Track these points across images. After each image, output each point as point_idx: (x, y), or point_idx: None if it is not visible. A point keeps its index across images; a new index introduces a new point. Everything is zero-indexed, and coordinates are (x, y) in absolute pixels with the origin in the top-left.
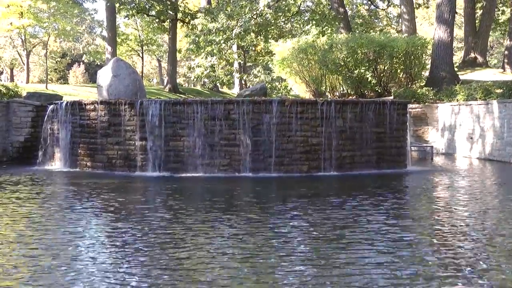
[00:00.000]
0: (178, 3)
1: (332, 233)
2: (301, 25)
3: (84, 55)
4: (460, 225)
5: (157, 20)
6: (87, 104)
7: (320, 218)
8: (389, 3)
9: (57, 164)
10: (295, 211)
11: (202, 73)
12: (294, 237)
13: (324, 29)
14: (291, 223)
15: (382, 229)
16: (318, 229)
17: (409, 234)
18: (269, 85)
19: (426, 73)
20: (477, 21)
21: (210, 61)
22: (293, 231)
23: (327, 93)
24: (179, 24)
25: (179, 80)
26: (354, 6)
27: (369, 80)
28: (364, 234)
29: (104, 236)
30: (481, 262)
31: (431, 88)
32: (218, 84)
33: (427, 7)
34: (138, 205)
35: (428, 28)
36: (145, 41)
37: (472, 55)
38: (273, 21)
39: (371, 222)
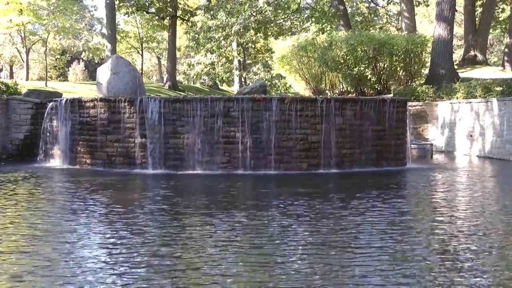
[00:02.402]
0: (178, 0)
1: (334, 234)
2: (301, 23)
3: (84, 52)
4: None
5: (156, 17)
6: (87, 101)
7: (320, 219)
8: (389, 1)
9: (56, 161)
10: (295, 211)
11: (202, 70)
12: (294, 239)
13: (323, 27)
14: (290, 222)
15: (384, 234)
16: (320, 231)
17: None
18: (269, 82)
19: (425, 71)
20: (477, 19)
21: (210, 58)
22: (293, 232)
23: (326, 91)
24: (178, 21)
25: (179, 77)
26: (354, 4)
27: (368, 77)
28: (365, 237)
29: (96, 234)
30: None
31: (431, 85)
32: (217, 82)
33: (427, 5)
34: (136, 204)
35: (428, 26)
36: (144, 39)
37: (472, 53)
38: (272, 19)
39: (371, 223)
